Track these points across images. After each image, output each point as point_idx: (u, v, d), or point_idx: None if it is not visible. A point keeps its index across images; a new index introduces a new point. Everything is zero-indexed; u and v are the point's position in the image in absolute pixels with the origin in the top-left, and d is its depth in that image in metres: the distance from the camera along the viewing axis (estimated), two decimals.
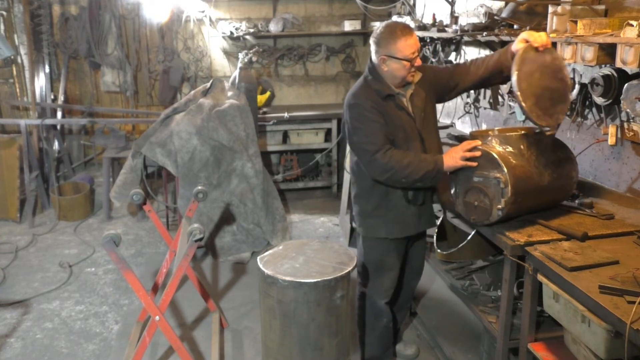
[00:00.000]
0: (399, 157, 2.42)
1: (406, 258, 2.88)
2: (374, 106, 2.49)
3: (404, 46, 2.42)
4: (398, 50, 2.42)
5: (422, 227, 2.73)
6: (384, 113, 2.50)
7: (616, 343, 1.76)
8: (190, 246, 2.54)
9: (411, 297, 3.12)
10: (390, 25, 2.49)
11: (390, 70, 2.48)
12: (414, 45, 2.43)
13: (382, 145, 2.44)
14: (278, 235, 4.57)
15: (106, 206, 5.33)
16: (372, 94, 2.52)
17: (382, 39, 2.46)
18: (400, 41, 2.41)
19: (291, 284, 2.26)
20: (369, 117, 2.48)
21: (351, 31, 6.15)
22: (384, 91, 2.50)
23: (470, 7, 4.21)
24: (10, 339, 3.39)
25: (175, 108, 4.53)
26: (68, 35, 5.98)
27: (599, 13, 2.73)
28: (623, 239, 2.22)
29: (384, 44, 2.45)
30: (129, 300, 3.82)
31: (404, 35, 2.42)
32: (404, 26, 2.46)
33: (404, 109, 2.54)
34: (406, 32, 2.43)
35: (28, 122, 5.37)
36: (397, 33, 2.42)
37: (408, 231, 2.68)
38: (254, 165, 4.45)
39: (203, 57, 6.24)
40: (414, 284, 3.04)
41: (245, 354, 3.21)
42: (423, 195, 2.62)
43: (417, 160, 2.42)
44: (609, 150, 2.84)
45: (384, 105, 2.51)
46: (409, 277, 2.96)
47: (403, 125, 2.53)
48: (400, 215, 2.63)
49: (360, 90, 2.55)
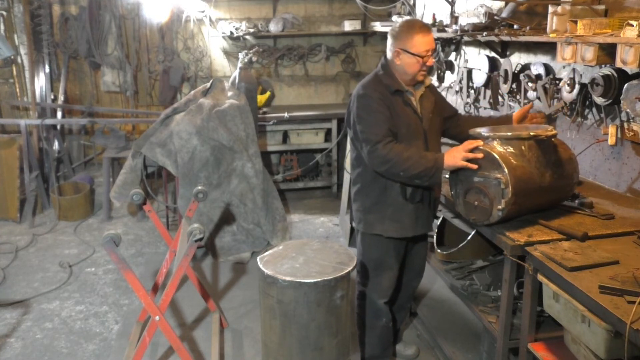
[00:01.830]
0: (399, 150, 2.43)
1: (407, 259, 2.87)
2: (381, 98, 2.52)
3: (420, 42, 2.47)
4: (413, 45, 2.47)
5: (419, 230, 2.71)
6: (390, 107, 2.53)
7: (616, 343, 1.75)
8: (190, 246, 2.54)
9: (411, 298, 3.12)
10: (410, 20, 2.61)
11: (402, 64, 2.52)
12: (429, 44, 2.49)
13: (384, 136, 2.46)
14: (278, 235, 4.57)
15: (106, 206, 5.33)
16: (382, 87, 2.55)
17: (400, 32, 2.52)
18: (417, 36, 2.47)
19: (291, 284, 2.26)
20: (375, 108, 2.51)
21: (351, 31, 6.15)
22: (393, 86, 2.54)
23: (470, 7, 4.21)
24: (10, 339, 3.39)
25: (175, 108, 4.53)
26: (68, 35, 5.98)
27: (599, 13, 2.73)
28: (623, 239, 2.22)
29: (401, 37, 2.51)
30: (129, 300, 3.82)
31: (422, 31, 2.48)
32: (423, 24, 2.54)
33: (411, 107, 2.58)
34: (424, 30, 2.50)
35: (28, 122, 5.37)
36: (416, 29, 2.48)
37: (404, 232, 2.67)
38: (254, 165, 4.45)
39: (203, 57, 6.24)
40: (415, 285, 3.03)
41: (245, 354, 3.21)
42: (421, 194, 2.62)
43: (417, 155, 2.42)
44: (609, 150, 2.84)
45: (391, 100, 2.54)
46: (409, 277, 2.96)
47: (408, 122, 2.56)
48: (397, 213, 2.63)
49: (370, 82, 2.59)
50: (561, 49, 2.61)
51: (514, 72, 3.50)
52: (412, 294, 3.08)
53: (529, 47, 3.45)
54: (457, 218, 2.82)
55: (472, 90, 4.16)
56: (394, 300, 2.92)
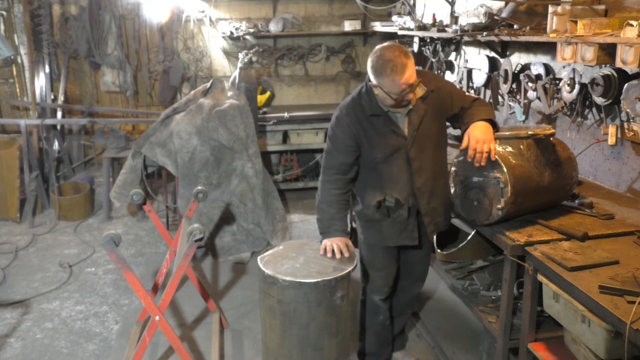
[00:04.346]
0: (324, 194, 2.55)
1: (405, 264, 2.86)
2: (350, 125, 2.46)
3: (391, 85, 2.29)
4: (385, 86, 2.31)
5: (402, 241, 2.64)
6: (364, 132, 2.46)
7: (616, 343, 1.75)
8: (190, 246, 2.54)
9: (413, 304, 3.08)
10: (384, 56, 2.30)
11: (380, 95, 2.39)
12: (403, 84, 2.28)
13: (332, 167, 2.54)
14: (278, 235, 4.57)
15: (106, 206, 5.33)
16: (358, 109, 2.47)
17: (372, 68, 2.34)
18: (387, 79, 2.28)
19: (291, 284, 2.26)
20: (339, 137, 2.50)
21: (351, 31, 6.15)
22: (370, 110, 2.45)
23: (470, 7, 4.21)
24: (10, 339, 3.39)
25: (175, 108, 4.53)
26: (68, 35, 5.99)
27: (599, 13, 2.73)
28: (623, 239, 2.22)
29: (373, 73, 2.34)
30: (129, 300, 3.82)
31: (392, 74, 2.26)
32: (397, 63, 2.26)
33: (392, 128, 2.46)
34: (396, 71, 2.25)
35: (28, 122, 5.37)
36: (387, 71, 2.27)
37: (385, 242, 2.65)
38: (254, 165, 4.45)
39: (203, 57, 6.24)
40: (415, 291, 2.99)
41: (245, 354, 3.21)
42: (397, 210, 2.56)
43: (325, 215, 2.55)
44: (609, 150, 2.84)
45: (367, 123, 2.46)
46: (408, 283, 2.93)
47: (387, 143, 2.46)
48: (377, 224, 2.63)
49: (349, 104, 2.51)
50: (561, 49, 2.61)
51: (514, 72, 3.51)
52: (413, 300, 3.04)
53: (529, 47, 3.45)
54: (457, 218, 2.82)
55: (472, 90, 4.17)
56: (395, 305, 2.94)
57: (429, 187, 2.53)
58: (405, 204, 2.53)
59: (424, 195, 2.52)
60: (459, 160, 2.51)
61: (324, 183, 2.58)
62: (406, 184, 2.50)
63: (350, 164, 2.52)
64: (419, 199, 2.52)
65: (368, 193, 2.58)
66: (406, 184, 2.50)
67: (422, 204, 2.54)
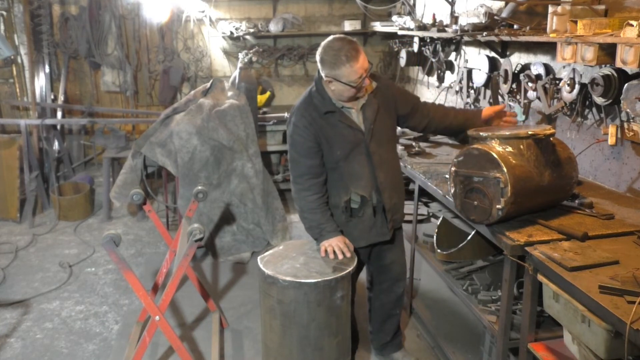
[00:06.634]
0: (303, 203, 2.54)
1: (383, 267, 2.84)
2: (307, 125, 2.46)
3: (349, 72, 2.30)
4: (343, 76, 2.32)
5: (373, 238, 2.65)
6: (321, 130, 2.46)
7: (616, 343, 1.75)
8: (190, 246, 2.54)
9: (399, 304, 2.97)
10: (334, 46, 2.33)
11: (336, 90, 2.40)
12: (360, 69, 2.31)
13: (301, 175, 2.53)
14: (278, 235, 4.57)
15: (106, 206, 5.33)
16: (312, 108, 2.47)
17: (326, 60, 2.33)
18: (344, 68, 2.29)
19: (291, 284, 2.26)
20: (297, 140, 2.50)
21: (351, 31, 6.14)
22: (323, 107, 2.45)
23: (470, 7, 4.21)
24: (10, 339, 3.39)
25: (175, 108, 4.53)
26: (68, 35, 5.99)
27: (599, 13, 2.73)
28: (623, 239, 2.22)
29: (328, 66, 2.33)
30: (129, 300, 3.82)
31: (348, 61, 2.28)
32: (349, 49, 2.30)
33: (347, 123, 2.47)
34: (351, 57, 2.28)
35: (28, 122, 5.37)
36: (342, 59, 2.28)
37: (356, 243, 2.63)
38: (254, 165, 4.45)
39: (203, 57, 6.24)
40: (399, 291, 2.92)
41: (245, 354, 3.21)
42: (362, 209, 2.58)
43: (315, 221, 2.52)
44: (609, 150, 2.84)
45: (322, 121, 2.46)
46: (390, 284, 2.89)
47: (345, 140, 2.48)
48: (344, 226, 2.62)
49: (301, 105, 2.51)
50: (561, 49, 2.61)
51: (514, 72, 3.50)
52: (398, 300, 2.95)
53: (529, 47, 3.45)
54: (457, 218, 2.82)
55: (472, 90, 4.17)
56: (379, 308, 2.94)
57: (390, 182, 2.58)
58: (369, 201, 2.56)
59: (386, 190, 2.57)
60: (459, 160, 2.51)
61: (299, 192, 2.56)
62: (369, 179, 2.54)
63: (318, 165, 2.52)
64: (383, 193, 2.56)
65: (333, 194, 2.59)
66: (369, 179, 2.54)
67: (385, 198, 2.58)
